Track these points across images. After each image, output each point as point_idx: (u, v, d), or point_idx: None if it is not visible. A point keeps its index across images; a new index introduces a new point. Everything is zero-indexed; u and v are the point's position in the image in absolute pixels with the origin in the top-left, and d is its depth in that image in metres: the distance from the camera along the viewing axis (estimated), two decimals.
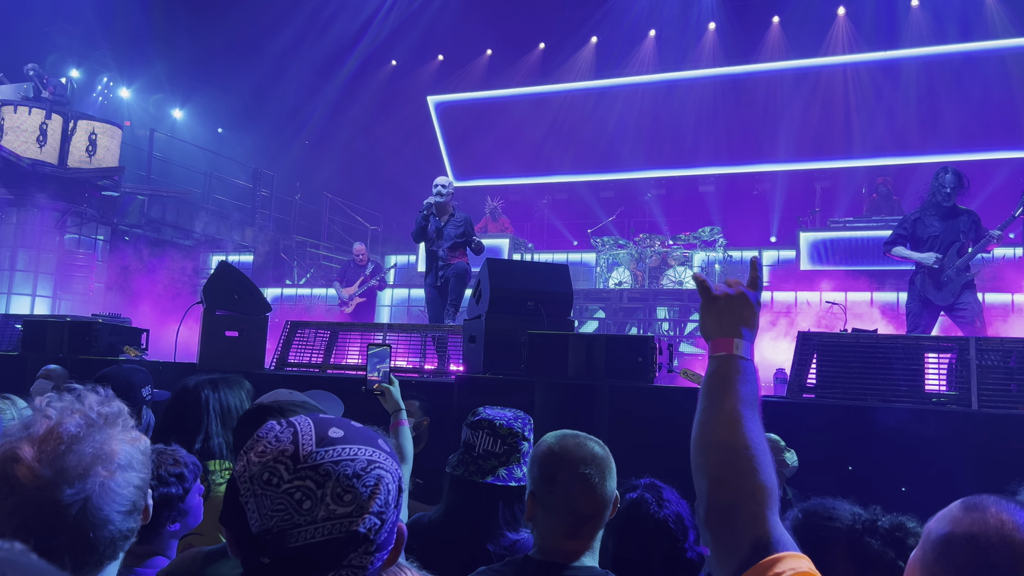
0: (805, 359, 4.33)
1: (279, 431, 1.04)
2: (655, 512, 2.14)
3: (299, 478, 0.98)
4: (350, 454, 1.02)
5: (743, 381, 1.21)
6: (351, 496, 0.99)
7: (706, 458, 1.17)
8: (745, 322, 1.27)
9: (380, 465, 1.03)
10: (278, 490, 0.98)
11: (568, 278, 4.97)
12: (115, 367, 3.13)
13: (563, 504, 1.77)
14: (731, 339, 1.25)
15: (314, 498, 0.98)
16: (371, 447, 1.05)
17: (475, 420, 2.32)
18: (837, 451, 3.80)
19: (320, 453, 1.01)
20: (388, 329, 5.75)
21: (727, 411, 1.18)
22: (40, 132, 10.90)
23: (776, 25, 14.66)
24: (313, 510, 0.97)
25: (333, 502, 0.98)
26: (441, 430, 4.30)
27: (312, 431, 1.04)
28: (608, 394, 3.98)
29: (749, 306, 1.29)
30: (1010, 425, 3.62)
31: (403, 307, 12.49)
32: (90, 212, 11.75)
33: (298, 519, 0.97)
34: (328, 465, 1.00)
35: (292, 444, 1.01)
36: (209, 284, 5.37)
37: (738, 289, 1.30)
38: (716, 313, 1.29)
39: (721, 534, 1.12)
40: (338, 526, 0.98)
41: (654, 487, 2.23)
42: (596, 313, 11.12)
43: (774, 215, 14.43)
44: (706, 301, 1.31)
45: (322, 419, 1.07)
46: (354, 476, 1.00)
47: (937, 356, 4.15)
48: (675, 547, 2.11)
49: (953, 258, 6.16)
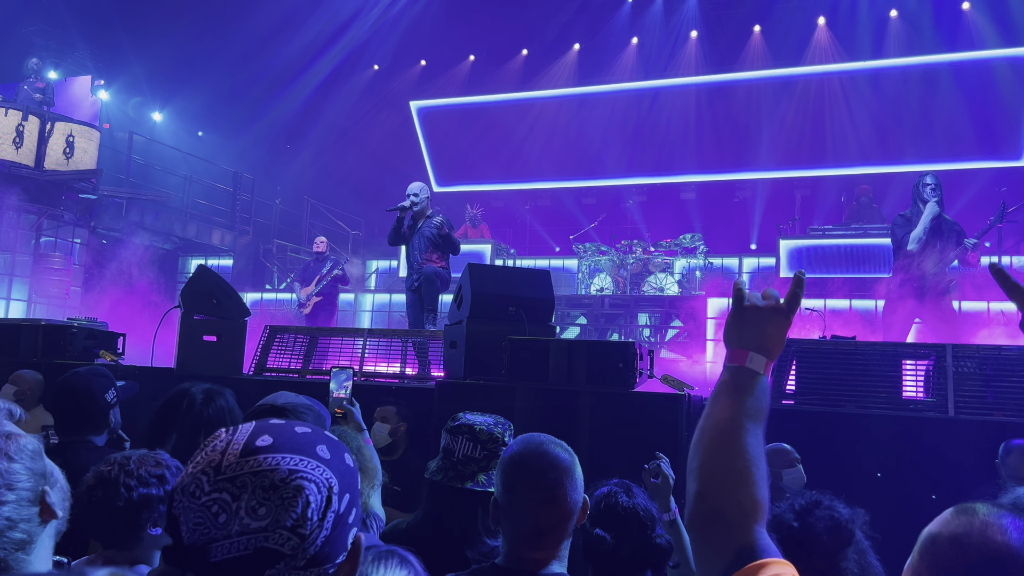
0: (784, 366, 4.36)
1: (220, 439, 1.00)
2: (625, 501, 2.18)
3: (216, 490, 0.94)
4: (271, 464, 0.95)
5: (751, 394, 1.21)
6: (265, 509, 0.93)
7: (701, 462, 1.17)
8: (768, 338, 1.25)
9: (304, 475, 0.96)
10: (198, 502, 0.94)
11: (550, 284, 4.96)
12: (73, 375, 3.04)
13: (523, 515, 1.71)
14: (747, 352, 1.24)
15: (229, 511, 0.93)
16: (301, 455, 0.98)
17: (455, 425, 2.31)
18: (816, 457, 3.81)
19: (241, 463, 0.95)
20: (368, 334, 5.72)
21: (729, 420, 1.18)
22: (16, 134, 10.77)
23: (757, 34, 14.79)
24: (228, 524, 0.92)
25: (247, 515, 0.92)
26: (421, 436, 4.28)
27: (244, 439, 0.99)
28: (589, 400, 3.98)
29: (775, 322, 1.26)
30: (986, 431, 3.66)
31: (384, 312, 12.44)
32: (67, 215, 11.62)
33: (215, 533, 0.92)
34: (245, 476, 0.94)
35: (221, 454, 0.97)
36: (187, 288, 5.31)
37: (768, 304, 1.28)
38: (740, 323, 1.28)
39: (707, 538, 1.13)
40: (252, 541, 0.92)
41: (624, 483, 2.28)
42: (578, 319, 11.13)
43: (754, 223, 14.53)
44: (735, 310, 1.30)
45: (263, 425, 1.02)
46: (271, 487, 0.94)
47: (915, 363, 4.19)
48: (644, 534, 2.14)
49: (933, 262, 6.23)
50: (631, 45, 15.74)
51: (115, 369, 4.58)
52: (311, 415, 2.11)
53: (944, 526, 1.06)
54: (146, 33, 14.19)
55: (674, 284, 11.03)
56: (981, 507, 1.07)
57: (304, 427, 1.04)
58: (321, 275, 9.94)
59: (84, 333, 5.74)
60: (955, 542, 1.03)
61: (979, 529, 1.03)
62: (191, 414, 2.57)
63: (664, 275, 11.11)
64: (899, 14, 13.79)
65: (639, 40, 15.65)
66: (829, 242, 10.64)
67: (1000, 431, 3.58)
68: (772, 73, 14.66)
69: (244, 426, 1.03)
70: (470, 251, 11.90)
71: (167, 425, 2.58)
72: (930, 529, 1.09)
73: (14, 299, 11.02)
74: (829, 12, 14.23)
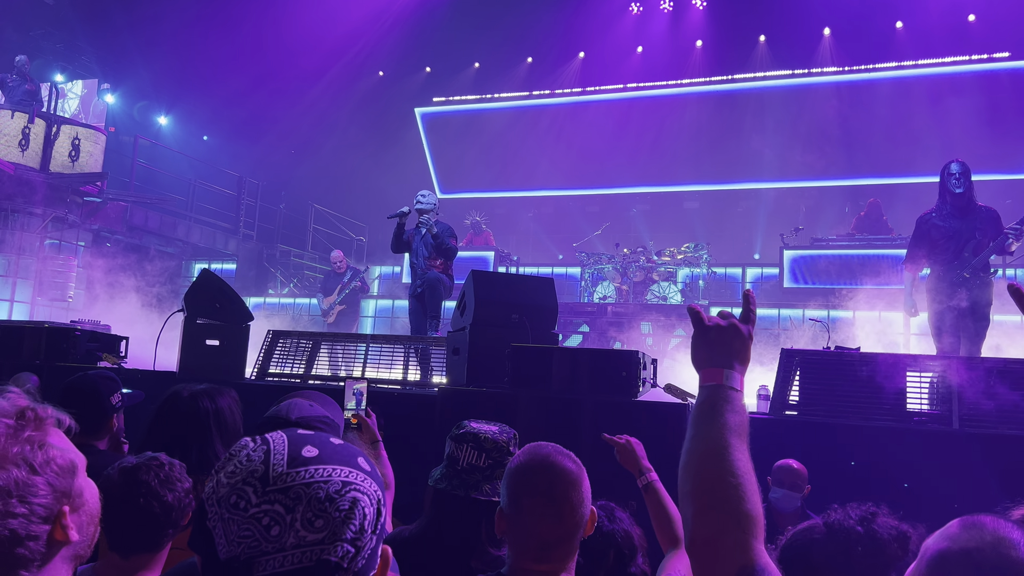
0: (788, 376, 4.34)
1: (252, 449, 0.98)
2: (604, 526, 2.15)
3: (267, 501, 0.91)
4: (324, 475, 0.94)
5: (731, 411, 1.23)
6: (323, 521, 0.91)
7: (693, 485, 1.18)
8: (736, 354, 1.29)
9: (356, 487, 0.95)
10: (245, 514, 0.91)
11: (553, 291, 4.96)
12: (81, 376, 3.05)
13: (529, 527, 1.67)
14: (721, 370, 1.27)
15: (283, 523, 0.90)
16: (348, 467, 0.97)
17: (460, 433, 2.29)
18: (819, 468, 3.79)
19: (291, 474, 0.93)
20: (371, 340, 5.71)
21: (714, 439, 1.20)
22: (23, 136, 10.80)
23: (762, 43, 14.81)
24: (282, 536, 0.90)
25: (303, 528, 0.90)
26: (423, 443, 4.26)
27: (285, 450, 0.97)
28: (592, 409, 3.97)
29: (741, 338, 1.30)
30: (990, 445, 3.64)
31: (387, 318, 12.43)
32: (72, 218, 11.63)
33: (266, 546, 0.90)
34: (299, 487, 0.92)
35: (263, 464, 0.94)
36: (191, 292, 5.32)
37: (730, 321, 1.32)
38: (707, 344, 1.31)
39: (706, 561, 1.13)
40: (308, 554, 0.90)
41: (607, 506, 2.24)
42: (580, 327, 11.11)
43: (758, 232, 14.52)
44: (698, 332, 1.33)
45: (299, 436, 1.01)
46: (327, 499, 0.92)
47: (919, 375, 4.17)
48: (621, 561, 2.11)
49: (970, 256, 5.88)
50: (636, 54, 15.77)
51: (117, 373, 4.57)
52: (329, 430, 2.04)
53: (953, 542, 1.05)
54: (152, 37, 14.24)
55: (677, 293, 11.02)
56: (988, 520, 1.06)
57: (335, 438, 1.03)
58: (343, 284, 10.51)
59: (87, 336, 5.73)
60: (968, 558, 1.02)
61: (991, 544, 1.01)
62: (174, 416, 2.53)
63: (667, 284, 11.10)
64: (904, 25, 13.80)
65: (644, 48, 15.67)
66: (833, 252, 10.63)
67: (1005, 445, 3.56)
68: (777, 83, 14.68)
69: (275, 435, 1.00)
70: (473, 258, 11.90)
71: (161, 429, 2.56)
72: (938, 544, 1.07)
73: (18, 301, 11.03)
74: (835, 22, 14.25)
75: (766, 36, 14.74)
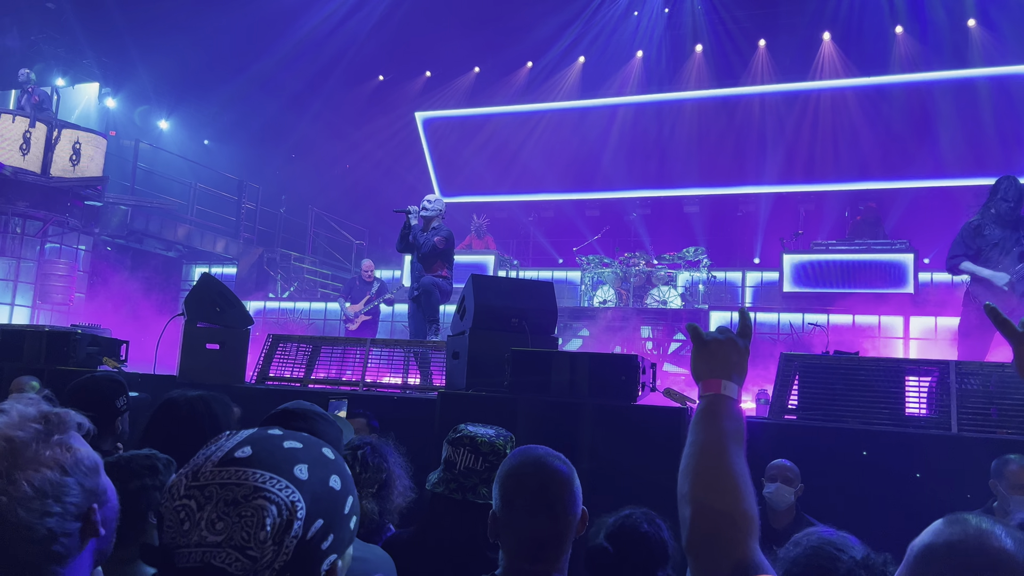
0: (787, 380, 4.35)
1: (216, 443, 0.98)
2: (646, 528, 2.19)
3: (188, 496, 0.92)
4: (240, 478, 0.92)
5: (729, 418, 1.30)
6: (222, 525, 0.89)
7: (691, 486, 1.24)
8: (733, 366, 1.36)
9: (268, 494, 0.91)
10: (171, 505, 0.92)
11: (553, 296, 4.96)
12: (88, 378, 3.08)
13: (522, 528, 1.71)
14: (719, 380, 1.34)
15: (192, 520, 0.90)
16: (274, 473, 0.93)
17: (456, 437, 2.30)
18: (818, 472, 3.80)
19: (216, 472, 0.93)
20: (371, 344, 5.72)
21: (713, 444, 1.26)
22: (23, 140, 10.81)
23: (762, 49, 14.83)
24: (189, 533, 0.90)
25: (205, 528, 0.90)
26: (423, 448, 4.27)
27: (229, 446, 0.96)
28: (591, 413, 3.97)
29: (738, 351, 1.38)
30: (989, 449, 3.64)
31: (387, 322, 12.43)
32: (72, 222, 11.65)
33: (179, 540, 0.90)
34: (214, 487, 0.91)
35: (204, 459, 0.95)
36: (191, 296, 5.33)
37: (728, 336, 1.39)
38: (706, 357, 1.38)
39: (703, 558, 1.18)
40: (204, 555, 0.89)
41: (649, 513, 2.28)
42: (580, 331, 11.12)
43: (758, 237, 14.52)
44: (697, 346, 1.40)
45: (254, 434, 0.99)
46: (232, 502, 0.90)
47: (918, 379, 4.17)
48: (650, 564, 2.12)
49: (1014, 263, 5.87)
50: (636, 58, 15.80)
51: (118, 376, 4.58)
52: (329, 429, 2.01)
53: (937, 536, 1.07)
54: (153, 41, 14.26)
55: (677, 297, 11.02)
56: (972, 517, 1.07)
57: (296, 441, 1.00)
58: (371, 295, 10.53)
59: (87, 340, 5.73)
60: (951, 550, 1.03)
61: (974, 536, 1.03)
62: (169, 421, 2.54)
63: (667, 288, 11.11)
64: (904, 30, 13.83)
65: (644, 53, 15.70)
66: (833, 257, 10.64)
67: (1003, 449, 3.56)
68: (777, 87, 14.70)
69: (242, 432, 1.01)
70: (473, 262, 11.90)
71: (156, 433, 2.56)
72: (922, 539, 1.09)
73: (18, 305, 11.03)
74: (835, 27, 14.27)
75: (766, 41, 14.77)
